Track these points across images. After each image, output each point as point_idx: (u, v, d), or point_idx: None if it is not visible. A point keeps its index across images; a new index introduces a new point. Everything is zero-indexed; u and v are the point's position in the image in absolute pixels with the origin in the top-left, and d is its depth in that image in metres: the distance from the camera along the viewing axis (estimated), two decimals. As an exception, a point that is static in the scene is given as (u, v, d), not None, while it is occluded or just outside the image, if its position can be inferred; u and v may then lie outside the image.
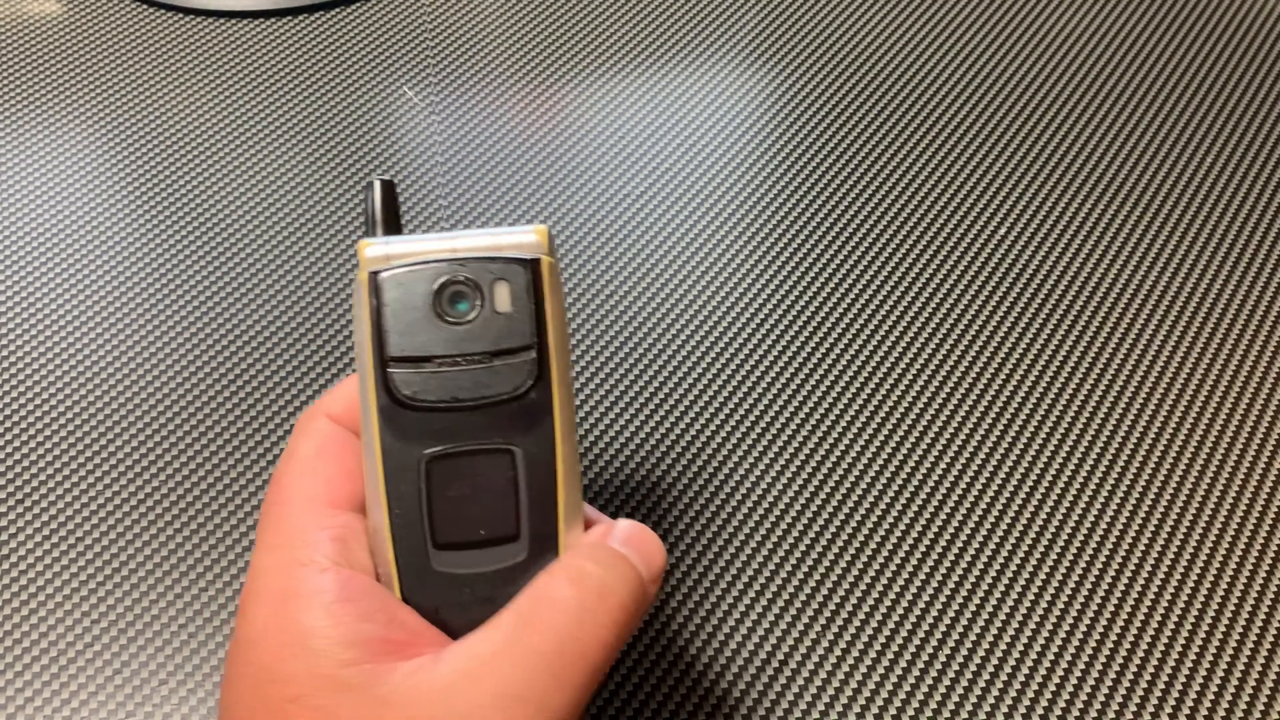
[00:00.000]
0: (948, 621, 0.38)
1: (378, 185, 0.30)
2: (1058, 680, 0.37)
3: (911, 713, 0.36)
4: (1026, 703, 0.37)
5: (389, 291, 0.27)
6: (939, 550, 0.40)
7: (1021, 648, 0.38)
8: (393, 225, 0.31)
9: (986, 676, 0.37)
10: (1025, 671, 0.37)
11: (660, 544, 0.28)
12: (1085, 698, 0.37)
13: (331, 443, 0.29)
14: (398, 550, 0.28)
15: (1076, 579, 0.39)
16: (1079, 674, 0.37)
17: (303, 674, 0.26)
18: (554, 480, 0.28)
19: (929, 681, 0.37)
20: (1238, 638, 0.38)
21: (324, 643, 0.26)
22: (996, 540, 0.40)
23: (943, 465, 0.42)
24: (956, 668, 0.37)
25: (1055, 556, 0.39)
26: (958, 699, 0.37)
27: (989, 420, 0.43)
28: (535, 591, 0.27)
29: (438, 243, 0.28)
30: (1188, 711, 0.36)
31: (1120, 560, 0.39)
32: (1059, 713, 0.36)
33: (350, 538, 0.28)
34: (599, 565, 0.27)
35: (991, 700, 0.37)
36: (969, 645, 0.38)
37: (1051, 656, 0.37)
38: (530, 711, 0.25)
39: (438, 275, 0.27)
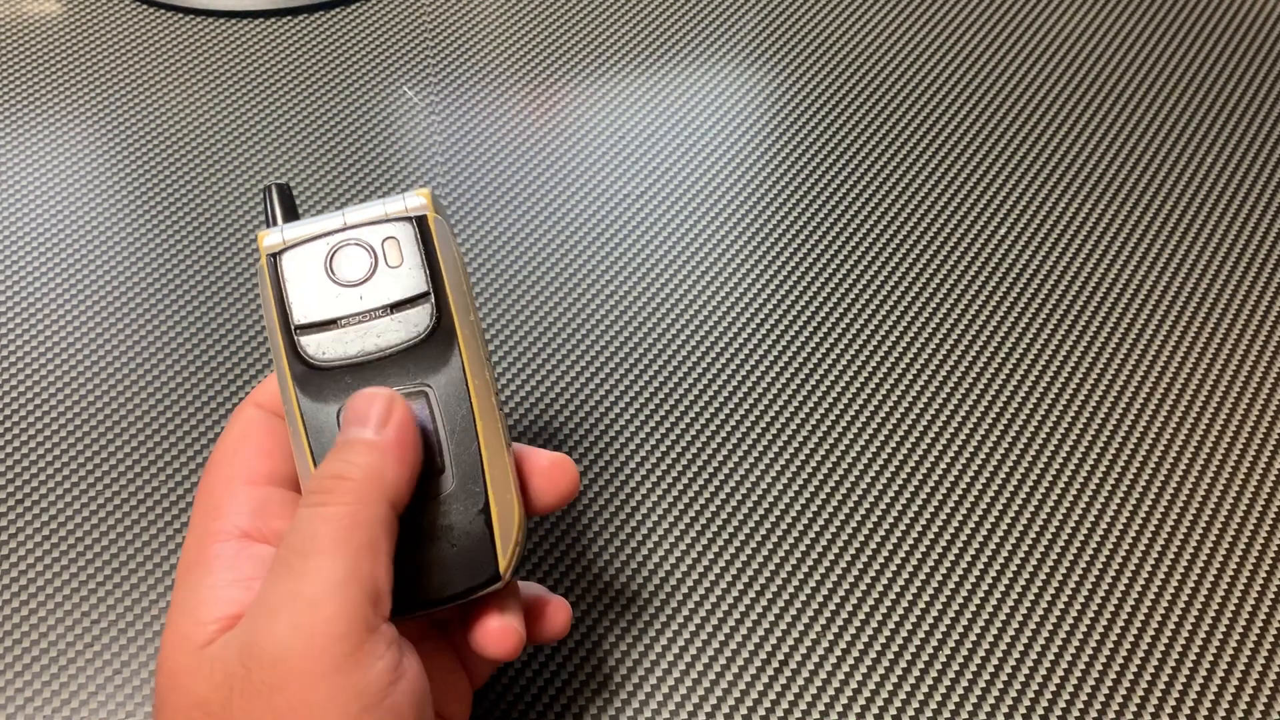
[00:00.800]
0: (948, 621, 0.38)
1: (274, 189, 0.32)
2: (1058, 680, 0.37)
3: (911, 713, 0.36)
4: (1027, 703, 0.37)
5: (288, 269, 0.29)
6: (939, 550, 0.40)
7: (1021, 648, 0.38)
8: (290, 220, 0.32)
9: (986, 676, 0.37)
10: (1025, 671, 0.37)
11: (366, 393, 0.28)
12: (1085, 698, 0.37)
13: (254, 427, 0.31)
14: None
15: (1076, 579, 0.39)
16: (1079, 674, 0.37)
17: (171, 641, 0.27)
18: (470, 411, 0.29)
19: (929, 681, 0.37)
20: (1238, 638, 0.38)
21: (189, 616, 0.27)
22: (996, 540, 0.40)
23: (943, 465, 0.42)
24: (956, 668, 0.37)
25: (1055, 556, 0.39)
26: (958, 699, 0.37)
27: (989, 420, 0.43)
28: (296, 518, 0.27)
29: (327, 220, 0.30)
30: (1188, 712, 0.36)
31: (1120, 560, 0.39)
32: (1059, 713, 0.36)
33: (268, 509, 0.29)
34: (323, 467, 0.28)
35: (991, 700, 0.37)
36: (969, 645, 0.38)
37: (1051, 656, 0.37)
38: (312, 566, 0.26)
39: (331, 244, 0.29)
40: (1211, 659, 0.37)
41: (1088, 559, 0.39)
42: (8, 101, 0.52)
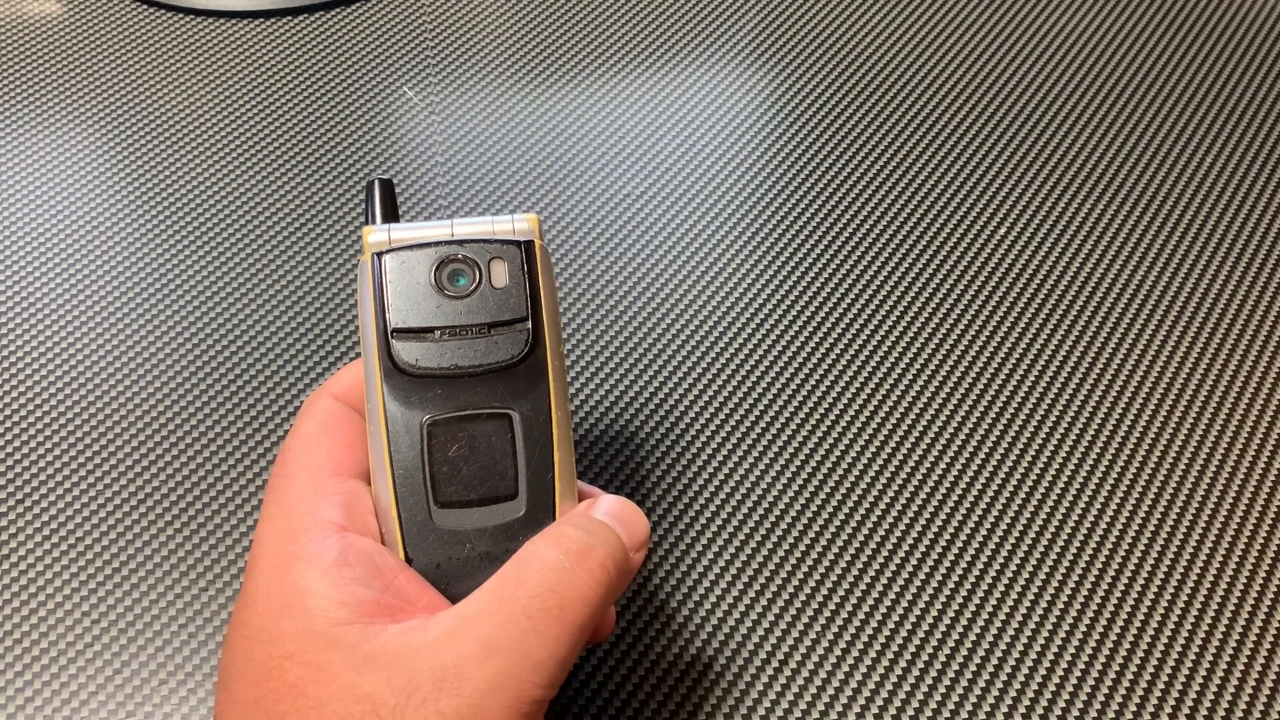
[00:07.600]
0: (948, 621, 0.38)
1: (377, 184, 0.32)
2: (1058, 680, 0.37)
3: (911, 713, 0.36)
4: (1026, 703, 0.37)
5: (392, 270, 0.29)
6: (939, 550, 0.40)
7: (1021, 648, 0.38)
8: (391, 218, 0.33)
9: (986, 676, 0.37)
10: (1025, 671, 0.37)
11: (643, 518, 0.30)
12: (1085, 698, 0.37)
13: (334, 419, 0.30)
14: (400, 508, 0.29)
15: (1076, 579, 0.39)
16: (1079, 674, 0.37)
17: (296, 632, 0.27)
18: (550, 440, 0.29)
19: (929, 681, 0.37)
20: (1238, 638, 0.38)
21: (319, 602, 0.27)
22: (996, 540, 0.40)
23: (943, 465, 0.42)
24: (956, 667, 0.37)
25: (1055, 556, 0.39)
26: (958, 699, 0.37)
27: (989, 420, 0.43)
28: (520, 554, 0.28)
29: (436, 228, 0.30)
30: (1187, 712, 0.36)
31: (1120, 560, 0.39)
32: (1059, 713, 0.36)
33: (356, 503, 0.29)
34: (580, 529, 0.28)
35: (991, 700, 0.37)
36: (969, 645, 0.38)
37: (1051, 656, 0.37)
38: (509, 659, 0.26)
39: (438, 255, 0.30)
40: (1211, 659, 0.37)
41: (1087, 559, 0.39)
42: (8, 101, 0.52)
